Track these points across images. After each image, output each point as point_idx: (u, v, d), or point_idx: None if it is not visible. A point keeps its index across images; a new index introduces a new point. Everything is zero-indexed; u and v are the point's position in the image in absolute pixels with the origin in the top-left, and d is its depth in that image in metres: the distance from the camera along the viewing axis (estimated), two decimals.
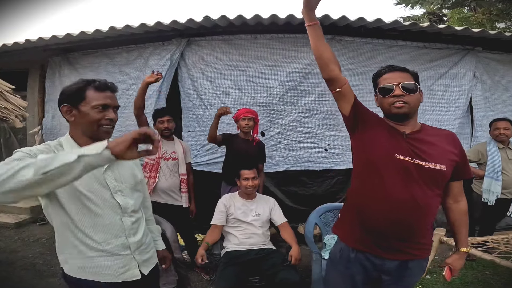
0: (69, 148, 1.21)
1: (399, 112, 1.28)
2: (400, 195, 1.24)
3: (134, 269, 1.31)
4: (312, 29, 1.32)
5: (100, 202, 1.22)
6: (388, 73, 1.34)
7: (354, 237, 1.38)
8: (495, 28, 8.92)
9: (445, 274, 1.41)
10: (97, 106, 1.20)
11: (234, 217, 2.40)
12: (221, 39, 3.60)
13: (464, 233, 1.42)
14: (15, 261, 3.12)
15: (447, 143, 1.32)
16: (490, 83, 3.76)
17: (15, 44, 3.73)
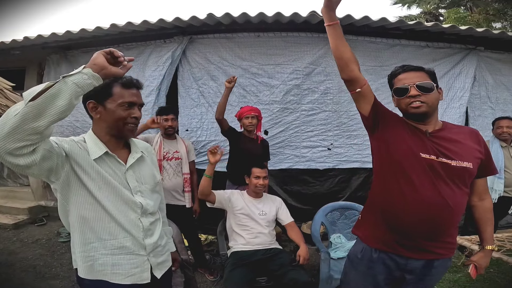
0: (92, 144, 1.19)
1: (416, 112, 1.27)
2: (429, 194, 1.23)
3: (146, 272, 1.27)
4: (333, 28, 1.29)
5: (120, 200, 1.20)
6: (403, 74, 1.32)
7: (377, 237, 1.36)
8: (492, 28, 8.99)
9: (470, 272, 1.41)
10: (124, 104, 1.18)
11: (243, 212, 2.38)
12: (223, 37, 3.58)
13: (490, 231, 1.42)
14: (14, 262, 3.07)
15: (471, 140, 1.31)
16: (492, 82, 3.79)
17: (13, 42, 3.66)
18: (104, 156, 1.19)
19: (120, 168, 1.23)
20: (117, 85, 1.19)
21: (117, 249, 1.19)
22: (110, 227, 1.18)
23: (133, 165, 1.26)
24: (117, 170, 1.21)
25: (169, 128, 2.72)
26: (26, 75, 4.43)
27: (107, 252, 1.18)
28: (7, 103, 2.49)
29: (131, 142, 1.31)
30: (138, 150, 1.31)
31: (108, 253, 1.18)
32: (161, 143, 2.70)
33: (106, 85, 1.16)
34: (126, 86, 1.20)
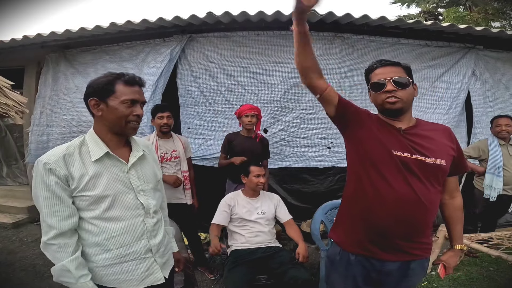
0: (93, 144, 1.18)
1: (392, 107, 1.26)
2: (403, 192, 1.21)
3: (157, 273, 1.28)
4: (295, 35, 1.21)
5: (123, 205, 1.19)
6: (380, 68, 1.30)
7: (353, 240, 1.34)
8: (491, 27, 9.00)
9: (439, 272, 1.39)
10: (126, 101, 1.16)
11: (239, 216, 2.37)
12: (223, 35, 3.57)
13: (459, 229, 1.41)
14: (14, 262, 3.07)
15: (445, 138, 1.31)
16: (491, 81, 3.79)
17: (12, 41, 3.65)
18: (105, 157, 1.18)
19: (122, 168, 1.22)
20: (120, 82, 1.17)
21: (125, 256, 1.19)
22: (116, 235, 1.17)
23: (135, 164, 1.25)
24: (119, 170, 1.20)
25: (165, 126, 2.64)
26: (25, 74, 4.42)
27: (116, 261, 1.18)
28: (6, 101, 2.48)
29: (132, 141, 1.30)
30: (139, 148, 1.30)
31: (118, 261, 1.18)
32: (156, 144, 2.64)
33: (109, 82, 1.17)
34: (129, 83, 1.18)
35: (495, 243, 2.54)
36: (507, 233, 2.70)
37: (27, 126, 4.27)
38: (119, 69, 3.84)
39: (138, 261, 1.22)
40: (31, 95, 4.21)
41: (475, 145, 3.16)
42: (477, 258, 2.96)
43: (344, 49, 3.57)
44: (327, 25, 3.40)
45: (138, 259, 1.22)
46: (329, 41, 3.54)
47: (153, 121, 2.70)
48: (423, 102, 3.68)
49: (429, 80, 3.67)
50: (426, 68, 3.65)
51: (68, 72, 3.97)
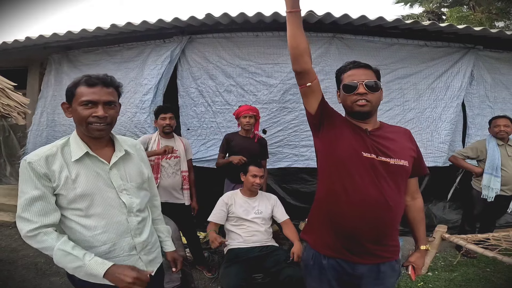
0: (75, 144, 1.20)
1: (361, 110, 1.27)
2: (371, 193, 1.23)
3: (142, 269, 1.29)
4: (294, 16, 1.23)
5: (105, 203, 1.20)
6: (353, 70, 1.30)
7: (324, 242, 1.34)
8: (494, 27, 8.94)
9: (410, 274, 1.40)
10: (83, 102, 1.15)
11: (236, 215, 2.39)
12: (222, 36, 3.60)
13: (422, 230, 1.43)
14: (16, 260, 3.11)
15: (406, 140, 1.34)
16: (491, 81, 3.78)
17: (15, 42, 3.71)
18: (86, 157, 1.19)
19: (103, 167, 1.22)
20: (82, 84, 1.16)
21: (109, 253, 1.21)
22: (98, 233, 1.19)
23: (117, 163, 1.26)
24: (100, 170, 1.21)
25: (167, 127, 2.71)
26: (29, 74, 4.48)
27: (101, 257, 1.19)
28: (9, 102, 2.53)
29: (115, 140, 1.30)
30: (121, 148, 1.29)
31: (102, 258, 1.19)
32: (158, 142, 2.71)
33: (73, 85, 1.18)
34: (89, 84, 1.16)
35: (492, 243, 2.54)
36: (505, 233, 2.68)
37: (30, 126, 4.34)
38: (120, 70, 3.93)
39: (122, 258, 1.24)
40: (34, 95, 4.28)
41: (473, 145, 3.16)
42: (475, 258, 2.96)
43: (342, 50, 3.58)
44: (326, 26, 3.41)
45: (122, 256, 1.24)
46: (327, 41, 3.55)
47: (156, 122, 2.76)
48: (421, 102, 3.69)
49: (428, 80, 3.67)
50: (425, 68, 3.66)
51: (72, 73, 4.02)
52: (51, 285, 2.67)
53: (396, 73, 3.64)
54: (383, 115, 3.65)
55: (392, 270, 1.33)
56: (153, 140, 2.72)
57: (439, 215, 3.82)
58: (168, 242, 1.55)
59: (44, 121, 4.16)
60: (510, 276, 2.67)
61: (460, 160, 3.15)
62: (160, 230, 1.53)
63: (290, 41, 1.25)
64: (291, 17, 1.23)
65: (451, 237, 2.58)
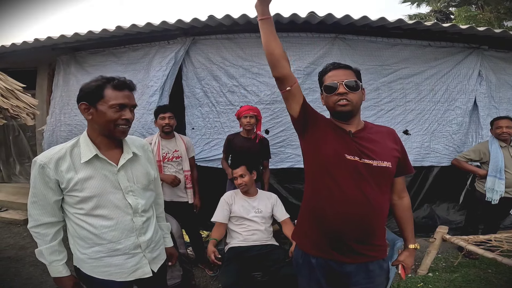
0: (84, 146, 1.24)
1: (343, 110, 1.28)
2: (354, 195, 1.25)
3: (145, 267, 1.35)
4: (265, 23, 1.26)
5: (111, 204, 1.24)
6: (333, 71, 1.32)
7: (312, 243, 1.37)
8: (503, 26, 8.80)
9: (400, 272, 1.41)
10: (115, 106, 1.19)
11: (236, 214, 2.43)
12: (225, 37, 3.64)
13: (410, 229, 1.44)
14: (24, 257, 3.17)
15: (389, 140, 1.34)
16: (496, 82, 3.74)
17: (24, 43, 3.81)
18: (94, 159, 1.23)
19: (111, 169, 1.26)
20: (109, 87, 1.20)
21: (115, 251, 1.27)
22: (104, 232, 1.24)
23: (124, 165, 1.29)
24: (107, 172, 1.25)
25: (166, 126, 2.71)
26: (38, 75, 4.58)
27: (106, 255, 1.26)
28: (18, 103, 2.60)
29: (124, 142, 1.33)
30: (129, 150, 1.32)
31: (107, 255, 1.26)
32: (159, 144, 2.73)
33: (98, 86, 1.20)
34: (117, 88, 1.21)
35: (493, 245, 2.52)
36: (507, 235, 2.68)
37: (39, 126, 4.44)
38: (127, 72, 3.99)
39: (128, 256, 1.29)
40: (43, 96, 4.38)
41: (476, 147, 3.13)
42: (477, 260, 2.94)
43: (345, 50, 3.59)
44: (328, 27, 3.43)
45: (127, 254, 1.29)
46: (330, 42, 3.57)
47: (156, 122, 2.78)
48: (424, 103, 3.67)
49: (431, 81, 3.65)
50: (428, 68, 3.64)
51: (79, 74, 4.11)
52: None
53: (399, 73, 3.63)
54: (384, 115, 3.65)
55: (380, 269, 1.35)
56: (153, 142, 2.74)
57: (442, 216, 3.80)
58: (167, 239, 1.60)
59: (53, 121, 4.25)
60: (511, 277, 2.64)
61: (462, 162, 3.13)
62: (161, 227, 1.58)
63: (265, 48, 1.27)
64: (262, 24, 1.27)
65: (452, 238, 2.60)
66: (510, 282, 2.60)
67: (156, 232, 1.43)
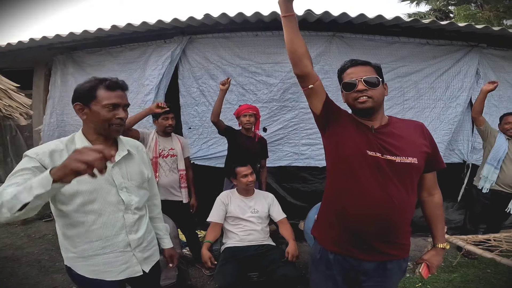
0: (80, 143, 1.25)
1: (363, 107, 1.26)
2: (375, 193, 1.22)
3: (136, 266, 1.34)
4: (288, 20, 1.24)
5: (103, 200, 1.24)
6: (351, 68, 1.30)
7: (331, 239, 1.35)
8: (502, 25, 8.77)
9: (421, 271, 1.35)
10: (108, 106, 1.22)
11: (232, 214, 2.41)
12: (222, 36, 3.62)
13: (440, 227, 1.39)
14: (20, 257, 3.17)
15: (416, 135, 1.30)
16: (495, 80, 3.71)
17: (19, 43, 3.78)
18: None
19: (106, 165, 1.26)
20: (102, 88, 1.22)
21: (103, 249, 1.25)
22: (94, 229, 1.23)
23: (119, 162, 1.30)
24: None
25: (169, 127, 2.74)
26: (34, 75, 4.56)
27: (94, 253, 1.25)
28: (11, 103, 2.58)
29: (119, 140, 1.35)
30: (124, 148, 1.34)
31: (96, 253, 1.25)
32: (156, 140, 2.74)
33: (91, 87, 1.23)
34: (110, 88, 1.23)
35: (492, 244, 2.50)
36: (506, 234, 2.65)
37: (36, 126, 4.42)
38: (124, 71, 3.97)
39: (116, 254, 1.28)
40: (40, 96, 4.36)
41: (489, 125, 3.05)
42: (476, 259, 2.91)
43: (343, 49, 3.57)
44: (326, 25, 3.41)
45: (116, 252, 1.28)
46: (327, 40, 3.55)
47: (156, 122, 2.77)
48: (422, 101, 3.65)
49: (429, 79, 3.63)
50: (427, 67, 3.61)
51: (78, 74, 4.08)
52: (53, 282, 2.71)
53: (397, 72, 3.61)
54: None
55: (399, 269, 1.32)
56: (150, 138, 2.74)
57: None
58: (166, 240, 1.60)
59: (54, 121, 4.23)
60: (510, 277, 2.61)
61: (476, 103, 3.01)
62: (159, 228, 1.58)
63: (288, 46, 1.26)
64: (286, 21, 1.25)
65: (450, 238, 2.57)
66: (509, 283, 2.58)
67: (148, 232, 1.42)
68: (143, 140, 2.72)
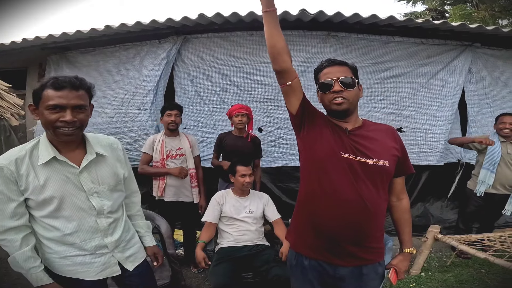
0: (43, 148, 1.18)
1: (338, 108, 1.25)
2: (348, 195, 1.21)
3: (114, 266, 1.33)
4: (269, 15, 1.22)
5: (73, 206, 1.20)
6: (328, 68, 1.29)
7: (306, 243, 1.33)
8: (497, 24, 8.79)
9: (390, 277, 1.35)
10: (49, 107, 1.11)
11: (226, 214, 2.40)
12: (217, 36, 3.61)
13: (408, 232, 1.38)
14: None
15: (388, 138, 1.29)
16: (489, 79, 3.72)
17: (12, 43, 3.75)
18: (54, 161, 1.17)
19: (73, 171, 1.20)
20: (49, 87, 1.11)
21: (81, 251, 1.24)
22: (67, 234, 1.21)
23: (88, 166, 1.23)
24: (69, 174, 1.20)
25: (172, 123, 2.72)
26: (28, 75, 4.53)
27: (73, 255, 1.24)
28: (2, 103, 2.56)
29: (87, 142, 1.27)
30: (93, 151, 1.26)
31: (74, 255, 1.24)
32: (163, 142, 2.72)
33: (40, 87, 1.14)
34: (55, 87, 1.11)
35: (486, 244, 2.51)
36: (500, 234, 2.66)
37: (30, 126, 4.39)
38: (120, 71, 3.94)
39: (94, 256, 1.27)
40: None
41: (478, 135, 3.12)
42: (470, 259, 2.92)
43: (338, 48, 3.56)
44: (321, 24, 3.40)
45: (94, 254, 1.27)
46: (322, 40, 3.54)
47: (162, 119, 2.78)
48: (417, 100, 3.65)
49: (424, 78, 3.63)
50: (421, 66, 3.62)
51: (72, 74, 4.04)
52: None
53: (392, 71, 3.61)
54: (377, 113, 3.63)
55: (375, 273, 1.30)
56: (157, 140, 2.74)
57: (436, 215, 3.79)
58: (147, 238, 1.55)
59: None
60: (504, 277, 2.61)
61: (458, 138, 3.14)
62: (140, 225, 1.53)
63: (267, 41, 1.23)
64: (267, 16, 1.22)
65: (444, 238, 2.58)
66: (503, 283, 2.57)
67: (126, 232, 1.39)
68: (153, 145, 2.75)
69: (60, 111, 1.12)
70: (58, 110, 1.12)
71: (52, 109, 1.11)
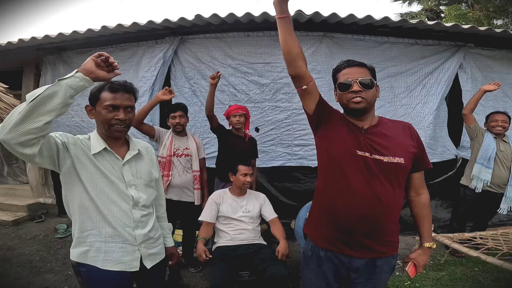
0: (95, 140, 1.34)
1: (356, 107, 1.29)
2: (363, 191, 1.25)
3: (135, 261, 1.36)
4: (283, 22, 1.26)
5: (113, 195, 1.31)
6: (347, 68, 1.33)
7: (322, 236, 1.38)
8: (492, 24, 8.88)
9: (408, 270, 1.38)
10: (107, 107, 1.30)
11: (223, 214, 2.42)
12: (214, 36, 3.63)
13: (427, 227, 1.41)
14: (11, 258, 3.16)
15: (404, 135, 1.33)
16: (482, 79, 3.76)
17: (9, 44, 3.74)
18: (104, 152, 1.33)
19: (118, 163, 1.35)
20: (105, 90, 1.31)
21: (110, 237, 1.31)
22: (104, 216, 1.29)
23: (130, 160, 1.39)
24: (114, 164, 1.35)
25: (178, 125, 2.74)
26: (24, 76, 4.51)
27: (101, 239, 1.30)
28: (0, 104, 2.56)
29: (130, 141, 1.45)
30: (135, 147, 1.44)
31: (102, 240, 1.30)
32: (172, 139, 2.75)
33: (97, 90, 1.33)
34: (112, 90, 1.31)
35: (478, 242, 2.53)
36: (492, 232, 2.69)
37: None
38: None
39: (121, 245, 1.33)
40: None
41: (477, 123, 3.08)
42: (463, 258, 2.95)
43: (333, 49, 3.59)
44: (317, 25, 3.43)
45: (121, 243, 1.33)
46: (318, 40, 3.57)
47: (168, 121, 2.81)
48: (412, 99, 3.69)
49: (418, 78, 3.67)
50: (415, 66, 3.66)
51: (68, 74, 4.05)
52: (44, 282, 2.71)
53: (387, 71, 3.65)
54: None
55: (388, 266, 1.35)
56: (166, 137, 2.77)
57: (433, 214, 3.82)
58: (168, 239, 1.66)
59: None
60: (498, 276, 2.64)
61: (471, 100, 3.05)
62: (163, 227, 1.63)
63: (282, 47, 1.28)
64: (281, 22, 1.26)
65: (437, 236, 2.60)
66: (496, 281, 2.61)
67: (155, 230, 1.47)
68: (159, 138, 2.75)
69: (114, 111, 1.31)
70: (112, 110, 1.31)
71: (108, 108, 1.30)
